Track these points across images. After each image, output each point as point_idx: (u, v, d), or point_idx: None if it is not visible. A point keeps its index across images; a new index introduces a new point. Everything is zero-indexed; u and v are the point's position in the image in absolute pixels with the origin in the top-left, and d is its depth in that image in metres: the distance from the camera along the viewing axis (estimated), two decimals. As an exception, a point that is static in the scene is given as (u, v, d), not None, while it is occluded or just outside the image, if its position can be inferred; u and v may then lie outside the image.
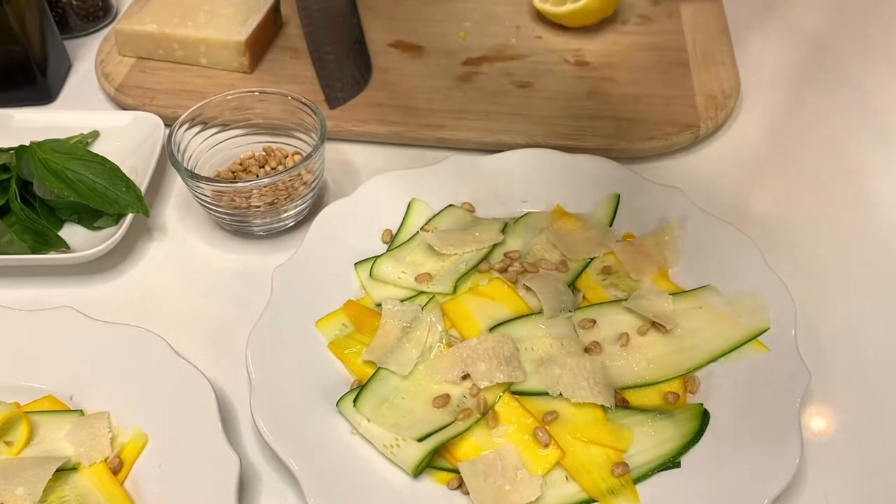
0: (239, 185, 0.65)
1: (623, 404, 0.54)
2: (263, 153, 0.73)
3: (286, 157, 0.72)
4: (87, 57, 0.90)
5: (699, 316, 0.58)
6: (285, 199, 0.67)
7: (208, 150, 0.71)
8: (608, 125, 0.76)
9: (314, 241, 0.64)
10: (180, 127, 0.68)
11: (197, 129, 0.70)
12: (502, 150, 0.71)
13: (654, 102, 0.79)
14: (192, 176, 0.65)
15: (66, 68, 0.88)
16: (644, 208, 0.65)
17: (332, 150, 0.78)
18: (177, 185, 0.75)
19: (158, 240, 0.70)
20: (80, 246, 0.68)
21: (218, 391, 0.58)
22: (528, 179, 0.70)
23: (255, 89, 0.71)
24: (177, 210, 0.73)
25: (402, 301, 0.60)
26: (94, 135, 0.77)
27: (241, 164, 0.72)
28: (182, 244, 0.70)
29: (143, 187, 0.69)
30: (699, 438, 0.52)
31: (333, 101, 0.80)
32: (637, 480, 0.50)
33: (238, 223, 0.69)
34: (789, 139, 0.79)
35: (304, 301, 0.60)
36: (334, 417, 0.54)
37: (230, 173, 0.72)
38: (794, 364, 0.54)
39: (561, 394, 0.54)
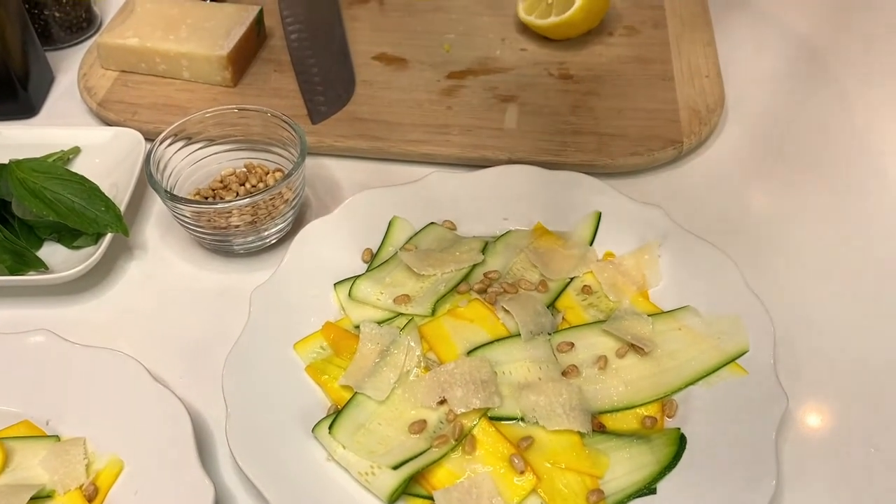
0: (219, 205, 0.64)
1: (600, 429, 0.54)
2: (244, 170, 0.72)
3: (267, 173, 0.72)
4: (70, 69, 0.89)
5: (678, 338, 0.58)
6: (266, 217, 0.67)
7: (189, 166, 0.71)
8: (591, 140, 0.76)
9: (293, 262, 0.64)
10: (160, 145, 0.68)
11: (178, 146, 0.70)
12: (485, 166, 0.71)
13: (638, 117, 0.78)
14: (171, 197, 0.64)
15: (48, 81, 0.88)
16: (624, 227, 0.65)
17: (315, 165, 0.77)
18: (158, 203, 0.75)
19: (138, 258, 0.70)
20: (60, 266, 0.67)
21: (196, 415, 0.58)
22: (510, 196, 0.70)
23: (234, 106, 0.70)
24: (158, 228, 0.73)
25: (380, 323, 0.60)
26: (75, 151, 0.76)
27: (221, 182, 0.72)
28: (162, 263, 0.70)
29: (123, 205, 0.69)
30: (675, 464, 0.51)
31: (316, 116, 0.79)
32: None
33: (219, 242, 0.69)
34: (773, 154, 0.78)
35: (282, 323, 0.60)
36: (310, 443, 0.54)
37: (211, 191, 0.71)
38: (771, 388, 0.54)
39: (537, 420, 0.54)
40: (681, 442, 0.52)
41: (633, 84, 0.83)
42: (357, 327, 0.59)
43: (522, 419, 0.53)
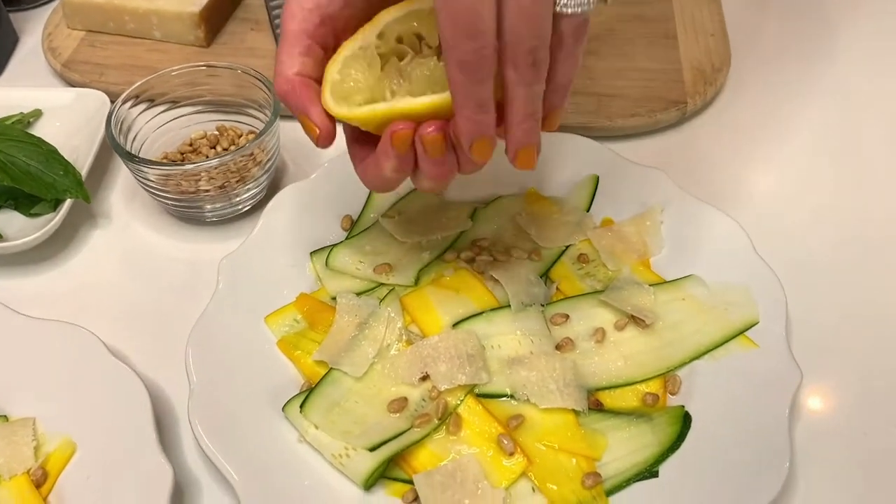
0: (186, 167, 0.60)
1: (597, 407, 0.50)
2: (216, 133, 0.68)
3: (240, 136, 0.67)
4: (35, 30, 0.84)
5: (682, 309, 0.54)
6: (237, 182, 0.62)
7: (156, 129, 0.66)
8: (589, 101, 0.71)
9: (266, 229, 0.59)
10: (123, 104, 0.63)
11: (142, 107, 0.65)
12: (474, 129, 0.66)
13: (639, 77, 0.74)
14: (132, 158, 0.60)
15: (12, 43, 0.83)
16: (624, 191, 0.61)
17: (292, 129, 0.71)
18: (125, 169, 0.70)
19: (102, 227, 0.65)
20: (16, 234, 0.63)
21: (158, 394, 0.54)
22: (501, 159, 0.64)
23: (202, 64, 0.65)
24: (123, 195, 0.68)
25: (359, 294, 0.56)
26: (37, 114, 0.71)
27: (190, 146, 0.67)
28: (127, 232, 0.65)
29: (84, 170, 0.64)
30: (679, 445, 0.48)
31: (294, 77, 0.74)
32: (610, 492, 0.46)
33: (187, 209, 0.64)
34: (783, 117, 0.73)
35: (252, 294, 0.56)
36: (281, 423, 0.50)
37: (179, 155, 0.67)
38: (783, 362, 0.50)
39: (528, 398, 0.49)
40: (685, 421, 0.49)
41: (633, 43, 0.78)
42: (334, 299, 0.55)
43: (512, 396, 0.50)
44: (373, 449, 0.47)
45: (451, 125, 0.40)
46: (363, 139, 0.46)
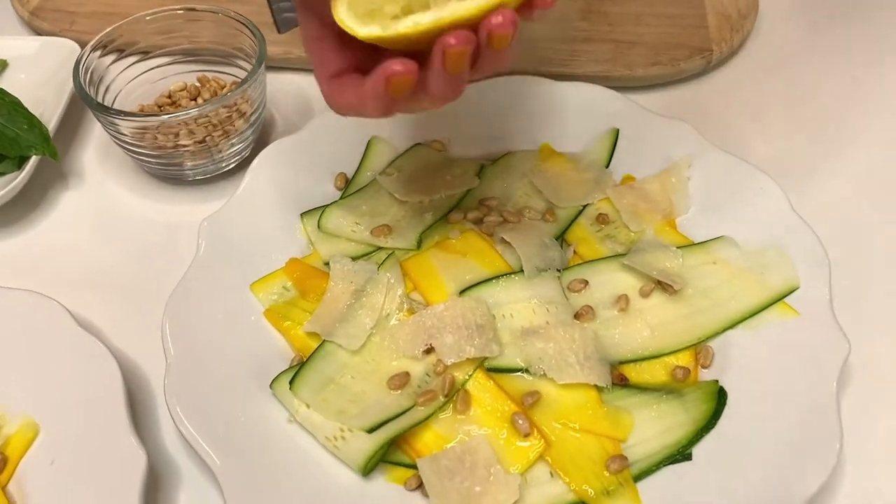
0: (163, 118, 0.54)
1: (621, 382, 0.46)
2: (197, 84, 0.62)
3: (223, 88, 0.61)
4: (2, -23, 0.77)
5: (713, 273, 0.50)
6: (220, 136, 0.57)
7: (130, 81, 0.61)
8: (605, 49, 0.65)
9: (252, 187, 0.54)
10: (92, 52, 0.58)
11: (114, 55, 0.59)
12: (481, 79, 0.60)
13: (660, 23, 0.68)
14: (103, 110, 0.54)
15: (-23, -9, 0.76)
16: (647, 145, 0.56)
17: (282, 81, 0.67)
18: (99, 124, 0.64)
19: (73, 188, 0.60)
20: (-23, 196, 0.57)
21: (132, 370, 0.49)
22: (509, 113, 0.60)
23: (181, 7, 0.59)
24: (97, 153, 0.62)
25: (354, 259, 0.51)
26: (1, 65, 0.65)
27: (169, 98, 0.62)
28: (100, 192, 0.60)
29: (52, 125, 0.59)
30: (714, 424, 0.43)
31: (283, 24, 0.67)
32: (638, 477, 0.42)
33: (166, 167, 0.58)
34: (815, 65, 0.68)
35: (237, 259, 0.50)
36: (268, 402, 0.45)
37: (157, 108, 0.61)
38: (829, 331, 0.45)
39: (545, 373, 0.44)
40: (719, 397, 0.44)
41: (653, -14, 0.71)
42: (327, 264, 0.51)
43: (527, 371, 0.45)
44: (371, 430, 0.42)
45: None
46: (345, 47, 0.38)
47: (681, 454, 0.42)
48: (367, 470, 0.42)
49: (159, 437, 0.46)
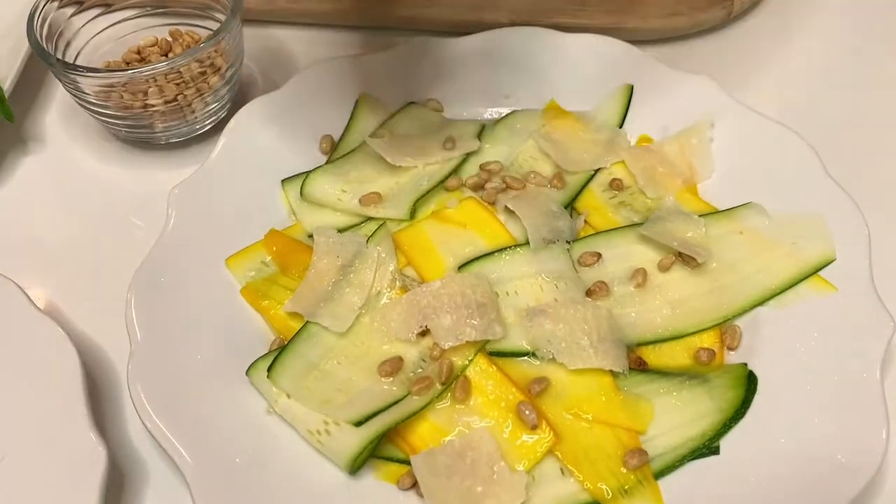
0: (129, 72, 0.49)
1: (639, 367, 0.43)
2: (169, 38, 0.56)
3: (198, 42, 0.56)
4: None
5: (740, 244, 0.46)
6: (193, 95, 0.53)
7: (93, 36, 0.57)
8: (617, -2, 0.61)
9: (228, 151, 0.50)
10: (49, 3, 0.53)
11: (73, 7, 0.54)
12: (482, 31, 0.56)
13: (677, -31, 0.63)
14: (60, 65, 0.49)
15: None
16: (664, 103, 0.53)
17: (263, 37, 0.63)
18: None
19: (34, 153, 0.57)
20: (-73, 162, 0.52)
21: (95, 356, 0.47)
22: (513, 68, 0.56)
23: (148, -50, 0.54)
24: (60, 115, 0.59)
25: (341, 231, 0.47)
26: (-47, 19, 0.60)
27: (138, 54, 0.57)
28: (63, 159, 0.56)
29: (8, 84, 0.55)
30: (743, 413, 0.40)
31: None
32: (660, 473, 0.39)
33: (135, 129, 0.55)
34: (847, 17, 0.63)
35: (211, 231, 0.47)
36: (245, 391, 0.41)
37: (124, 64, 0.56)
38: (869, 308, 0.42)
39: (554, 357, 0.41)
40: (749, 383, 0.41)
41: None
42: (311, 236, 0.47)
43: (534, 355, 0.42)
44: (359, 423, 0.39)
45: None
46: None
47: (707, 448, 0.39)
48: (355, 468, 0.38)
49: (125, 430, 0.43)
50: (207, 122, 0.55)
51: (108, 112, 0.52)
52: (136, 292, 0.42)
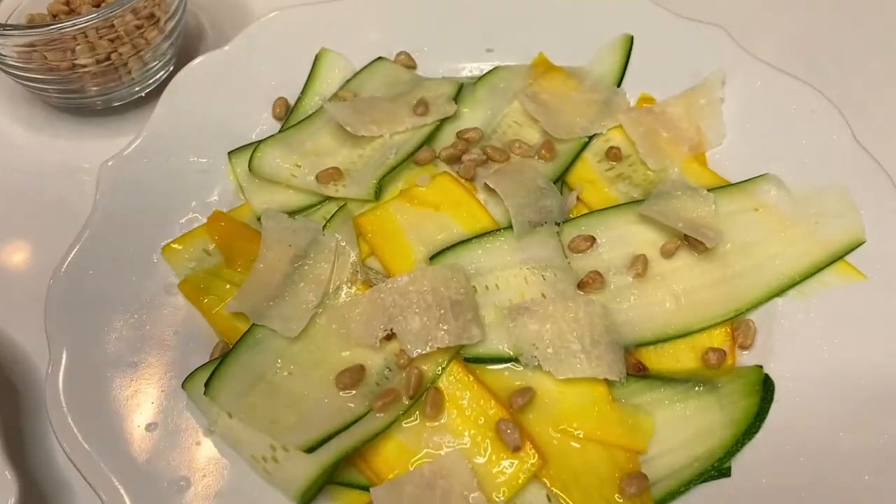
0: (51, 27, 0.44)
1: (639, 372, 0.38)
2: (101, -14, 0.50)
3: (134, -9, 0.49)
4: None
5: (755, 223, 0.42)
6: (130, 53, 0.47)
7: (13, -19, 0.48)
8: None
9: (168, 118, 0.45)
10: (-46, -56, 0.45)
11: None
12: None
13: None
14: (-34, 20, 0.42)
15: None
16: (669, 57, 0.49)
17: None
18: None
19: (-56, 122, 0.50)
20: None
21: (15, 358, 0.41)
22: (496, 16, 0.50)
23: None
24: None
25: (293, 214, 0.42)
26: None
27: (66, 5, 0.50)
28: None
29: None
30: (759, 426, 0.36)
31: None
32: (662, 500, 0.34)
33: (63, 94, 0.49)
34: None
35: (146, 214, 0.42)
36: (181, 406, 0.35)
37: (50, 17, 0.49)
38: None
39: (540, 364, 0.36)
40: (764, 389, 0.37)
41: None
42: (260, 220, 0.41)
43: (517, 361, 0.37)
44: (311, 449, 0.33)
45: None
46: None
47: (716, 469, 0.35)
48: (307, 499, 0.33)
49: (50, 450, 0.37)
50: (149, 83, 0.49)
51: (29, 75, 0.46)
52: (56, 290, 0.37)
